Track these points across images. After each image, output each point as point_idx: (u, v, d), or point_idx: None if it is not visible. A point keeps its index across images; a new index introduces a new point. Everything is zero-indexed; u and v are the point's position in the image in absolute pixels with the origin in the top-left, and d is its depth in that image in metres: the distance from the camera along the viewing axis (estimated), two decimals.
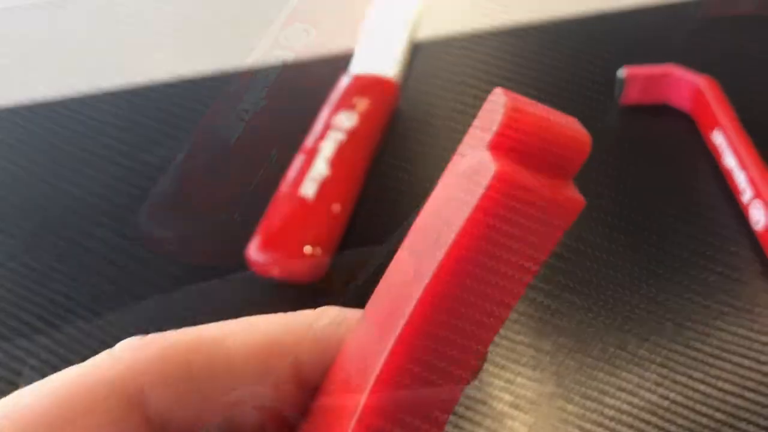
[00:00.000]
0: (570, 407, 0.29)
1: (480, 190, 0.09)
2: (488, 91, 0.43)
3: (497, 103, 0.10)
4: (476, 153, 0.10)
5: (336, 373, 0.12)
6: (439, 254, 0.10)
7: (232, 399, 0.11)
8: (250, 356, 0.11)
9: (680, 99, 0.41)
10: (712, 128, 0.39)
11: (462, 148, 0.11)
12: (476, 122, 0.10)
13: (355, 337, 0.12)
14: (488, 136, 0.10)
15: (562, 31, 0.49)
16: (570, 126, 0.10)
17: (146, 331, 0.12)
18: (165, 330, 0.12)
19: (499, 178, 0.09)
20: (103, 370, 0.11)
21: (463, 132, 0.43)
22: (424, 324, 0.10)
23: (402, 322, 0.10)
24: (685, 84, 0.41)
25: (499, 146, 0.09)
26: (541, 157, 0.10)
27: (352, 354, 0.11)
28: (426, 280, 0.10)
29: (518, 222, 0.09)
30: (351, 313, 0.12)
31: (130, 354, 0.11)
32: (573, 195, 0.10)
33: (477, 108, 0.44)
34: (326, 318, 0.12)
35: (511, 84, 0.45)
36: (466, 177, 0.10)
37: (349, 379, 0.11)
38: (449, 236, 0.09)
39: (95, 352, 0.12)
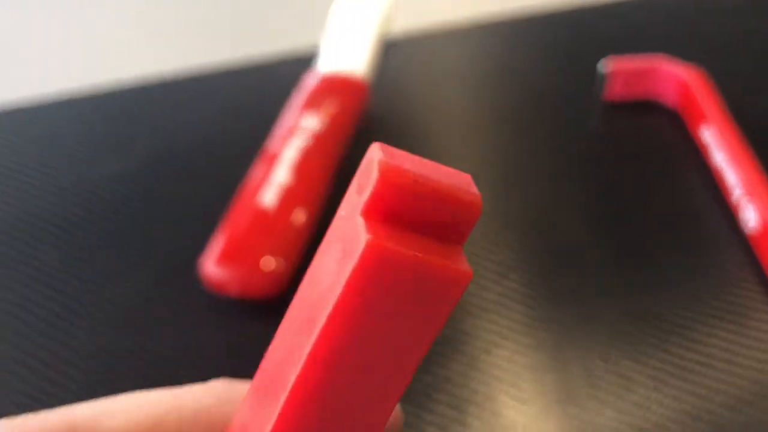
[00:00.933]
0: (549, 429, 0.28)
1: (352, 264, 0.08)
2: (463, 91, 0.42)
3: (372, 162, 0.09)
4: (351, 218, 0.09)
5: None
6: (312, 335, 0.09)
7: None
8: None
9: (666, 93, 0.40)
10: (700, 124, 0.37)
11: (341, 209, 0.10)
12: (355, 180, 0.09)
13: (240, 415, 0.11)
14: (362, 200, 0.09)
15: (541, 24, 0.48)
16: (458, 186, 0.09)
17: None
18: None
19: (370, 251, 0.08)
20: None
21: (437, 134, 0.41)
22: (302, 405, 0.09)
23: (280, 403, 0.09)
24: (670, 77, 0.39)
25: (373, 212, 0.09)
26: (423, 222, 0.09)
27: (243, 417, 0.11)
28: (301, 362, 0.09)
29: (396, 297, 0.09)
30: (240, 387, 0.12)
31: None
32: (459, 265, 0.09)
33: (452, 109, 0.42)
34: (212, 396, 0.12)
35: (489, 81, 0.44)
36: (340, 246, 0.09)
37: None
38: (322, 315, 0.09)
39: None
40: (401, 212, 0.09)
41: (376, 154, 0.09)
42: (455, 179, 0.09)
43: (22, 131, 0.43)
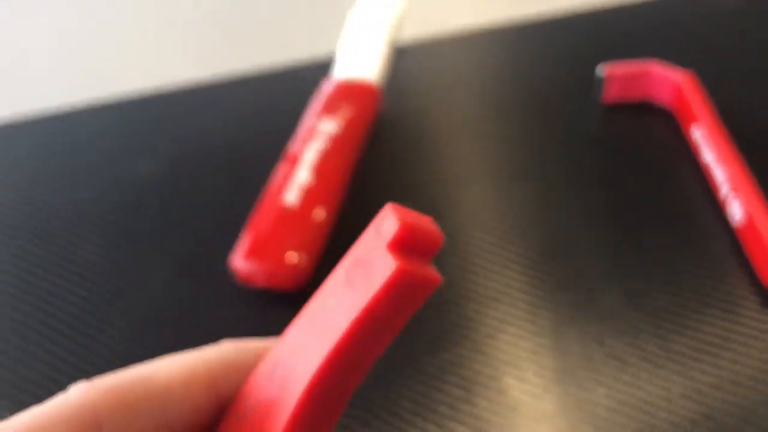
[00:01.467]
0: (549, 407, 0.30)
1: (383, 278, 0.13)
2: (469, 93, 0.44)
3: (392, 217, 0.13)
4: (376, 251, 0.13)
5: (252, 386, 0.15)
6: (348, 317, 0.14)
7: (164, 416, 0.15)
8: (174, 383, 0.15)
9: (660, 96, 0.42)
10: (691, 124, 0.40)
11: (359, 245, 0.14)
12: (372, 226, 0.14)
13: (275, 355, 0.15)
14: (387, 239, 0.13)
15: (542, 30, 0.50)
16: (431, 226, 0.14)
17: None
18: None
19: (398, 271, 0.13)
20: (64, 405, 0.14)
21: (445, 135, 0.44)
22: (341, 354, 0.14)
23: (329, 346, 0.14)
24: (664, 80, 0.42)
25: (394, 247, 0.13)
26: (418, 250, 0.14)
27: (273, 371, 0.15)
28: (331, 344, 0.14)
29: (403, 295, 0.14)
30: (244, 345, 0.16)
31: (83, 392, 0.14)
32: (435, 274, 0.14)
33: (458, 111, 0.45)
34: (227, 351, 0.16)
35: (492, 85, 0.46)
36: (364, 267, 0.14)
37: (270, 393, 0.15)
38: (358, 305, 0.14)
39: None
40: (408, 247, 0.14)
41: (393, 212, 0.14)
42: (428, 222, 0.14)
43: (57, 137, 0.46)
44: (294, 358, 0.15)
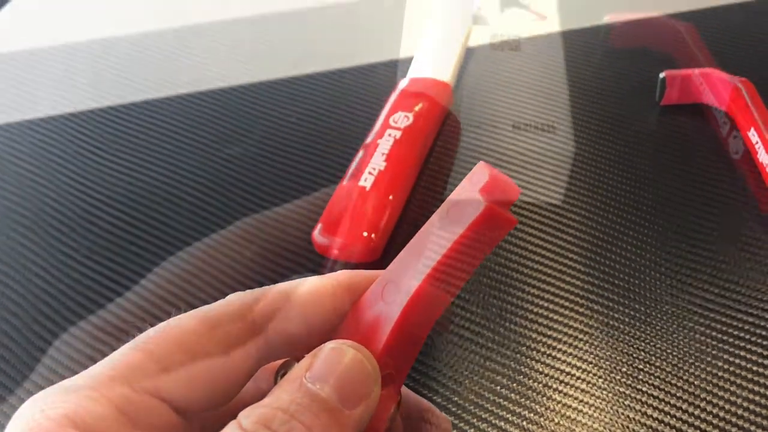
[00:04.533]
0: (598, 380, 0.30)
1: (476, 214, 0.16)
2: (534, 91, 0.44)
3: (483, 171, 0.17)
4: (470, 195, 0.17)
5: (364, 301, 0.19)
6: (448, 242, 0.17)
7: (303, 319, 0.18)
8: (309, 296, 0.19)
9: (718, 99, 0.42)
10: (749, 127, 0.39)
11: (456, 193, 0.17)
12: (466, 179, 0.17)
13: (385, 280, 0.18)
14: (479, 186, 0.16)
15: (603, 35, 0.50)
16: (511, 181, 0.17)
17: None
18: None
19: (487, 209, 0.16)
20: (227, 304, 0.18)
21: (510, 129, 0.44)
22: (441, 271, 0.17)
23: (431, 265, 0.17)
24: (723, 85, 0.41)
25: (485, 192, 0.16)
26: (501, 198, 0.16)
27: (382, 290, 0.18)
28: (444, 250, 0.17)
29: (488, 233, 0.17)
30: (357, 273, 0.20)
31: (241, 296, 0.18)
32: (513, 217, 0.17)
33: (525, 108, 0.45)
34: (344, 274, 0.19)
35: (557, 87, 0.46)
36: (460, 207, 0.17)
37: (378, 306, 0.18)
38: (456, 233, 0.17)
39: None
40: (495, 193, 0.16)
41: (485, 168, 0.17)
42: (508, 179, 0.17)
43: (160, 122, 0.49)
44: (401, 276, 0.17)
